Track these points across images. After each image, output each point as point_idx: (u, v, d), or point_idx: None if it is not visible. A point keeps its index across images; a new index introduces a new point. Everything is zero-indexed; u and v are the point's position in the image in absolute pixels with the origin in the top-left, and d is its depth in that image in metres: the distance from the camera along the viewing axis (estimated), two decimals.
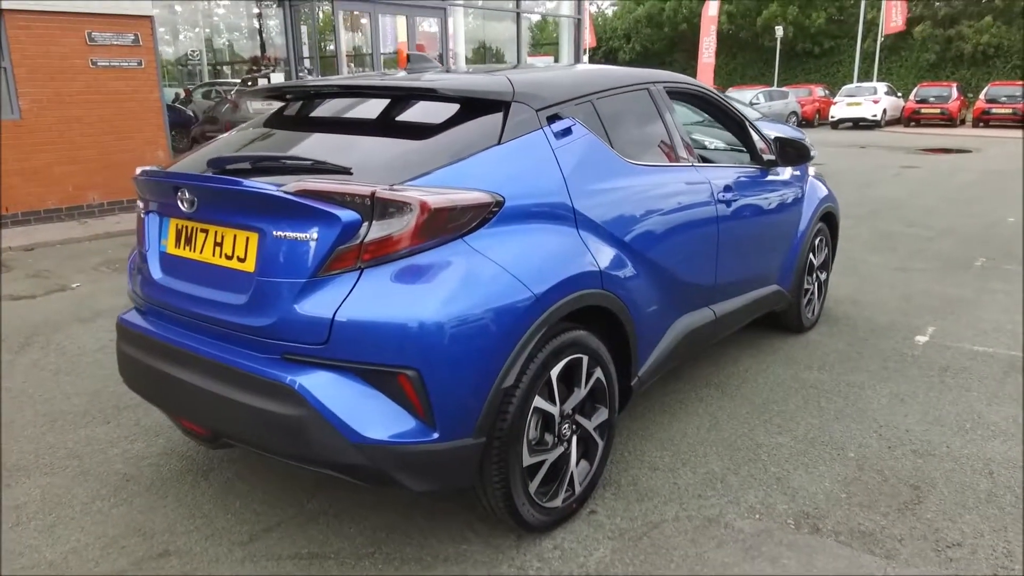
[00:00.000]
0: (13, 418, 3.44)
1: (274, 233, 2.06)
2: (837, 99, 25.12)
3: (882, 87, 25.46)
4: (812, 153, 3.91)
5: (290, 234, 2.03)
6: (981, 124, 23.38)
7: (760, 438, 3.12)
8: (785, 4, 36.71)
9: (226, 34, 25.40)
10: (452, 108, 2.41)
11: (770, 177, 3.80)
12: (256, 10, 15.80)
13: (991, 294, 5.22)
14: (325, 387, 2.00)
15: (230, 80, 18.14)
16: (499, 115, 2.39)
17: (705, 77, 22.25)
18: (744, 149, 3.82)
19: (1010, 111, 22.59)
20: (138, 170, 2.50)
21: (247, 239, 2.15)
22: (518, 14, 14.39)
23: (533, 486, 2.35)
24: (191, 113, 15.02)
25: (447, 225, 2.07)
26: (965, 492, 2.69)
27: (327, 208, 1.99)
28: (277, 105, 2.88)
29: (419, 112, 2.50)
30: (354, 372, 2.03)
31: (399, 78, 2.71)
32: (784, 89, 25.50)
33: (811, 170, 4.40)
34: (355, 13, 11.82)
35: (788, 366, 3.92)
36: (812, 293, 4.43)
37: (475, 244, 2.12)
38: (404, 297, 2.02)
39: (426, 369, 1.99)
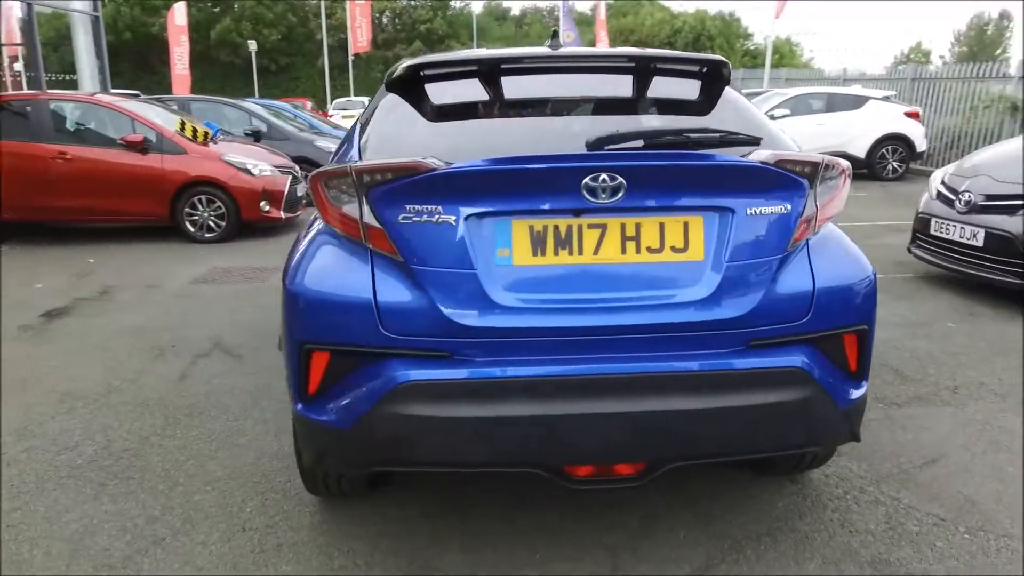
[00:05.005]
0: None
1: (748, 211, 1.92)
2: (332, 111, 26.32)
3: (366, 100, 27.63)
4: None
5: (765, 209, 1.93)
6: None
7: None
8: (237, 20, 36.36)
9: None
10: (694, 81, 2.35)
11: None
12: None
13: None
14: (814, 360, 1.96)
15: None
16: (726, 84, 2.39)
17: (182, 88, 20.04)
18: None
19: None
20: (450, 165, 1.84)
21: (685, 224, 1.91)
22: (30, 5, 10.99)
23: None
24: None
25: None
26: None
27: (797, 177, 1.95)
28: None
29: (667, 85, 2.37)
30: (812, 341, 1.99)
31: (648, 52, 2.39)
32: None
33: None
34: None
35: None
36: None
37: None
38: (844, 259, 2.11)
39: (871, 323, 2.08)
